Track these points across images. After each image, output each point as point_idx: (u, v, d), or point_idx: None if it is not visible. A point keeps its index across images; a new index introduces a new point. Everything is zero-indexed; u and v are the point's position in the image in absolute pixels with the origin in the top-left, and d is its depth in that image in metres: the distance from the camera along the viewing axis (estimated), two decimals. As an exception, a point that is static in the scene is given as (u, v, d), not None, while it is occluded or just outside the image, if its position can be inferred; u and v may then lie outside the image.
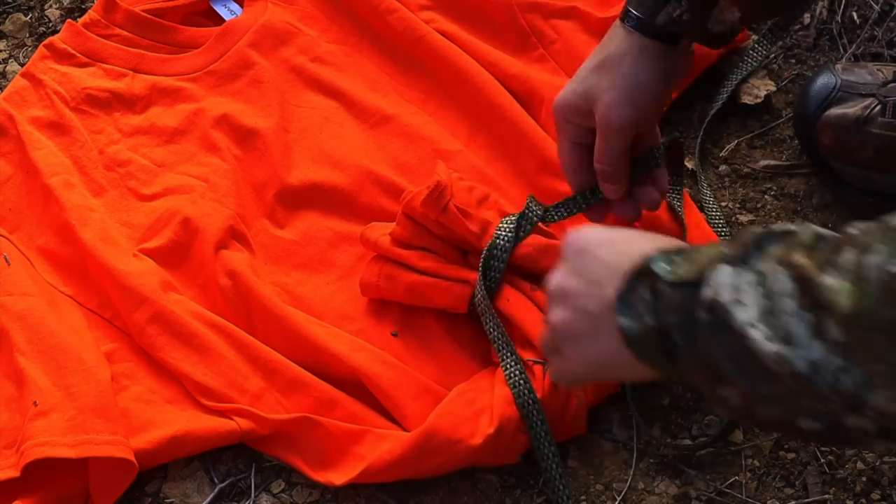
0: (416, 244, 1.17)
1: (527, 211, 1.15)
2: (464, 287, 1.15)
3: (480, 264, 1.14)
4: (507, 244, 1.14)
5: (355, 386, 1.15)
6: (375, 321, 1.21)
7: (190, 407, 1.16)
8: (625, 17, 1.12)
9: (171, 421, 1.14)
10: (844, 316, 0.69)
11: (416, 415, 1.12)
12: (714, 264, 0.77)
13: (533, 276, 1.15)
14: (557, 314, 0.89)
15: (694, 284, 0.77)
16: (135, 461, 1.10)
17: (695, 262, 0.79)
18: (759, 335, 0.73)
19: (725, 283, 0.75)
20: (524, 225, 1.15)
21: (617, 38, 1.12)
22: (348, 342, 1.17)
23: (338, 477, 1.10)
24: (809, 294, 0.71)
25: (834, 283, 0.70)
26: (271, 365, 1.17)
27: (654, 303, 0.79)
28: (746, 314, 0.73)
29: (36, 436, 1.09)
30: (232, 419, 1.13)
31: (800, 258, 0.73)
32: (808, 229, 0.75)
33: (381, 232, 1.19)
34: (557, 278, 0.89)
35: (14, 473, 1.08)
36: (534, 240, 1.16)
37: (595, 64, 1.13)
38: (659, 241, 0.85)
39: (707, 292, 0.76)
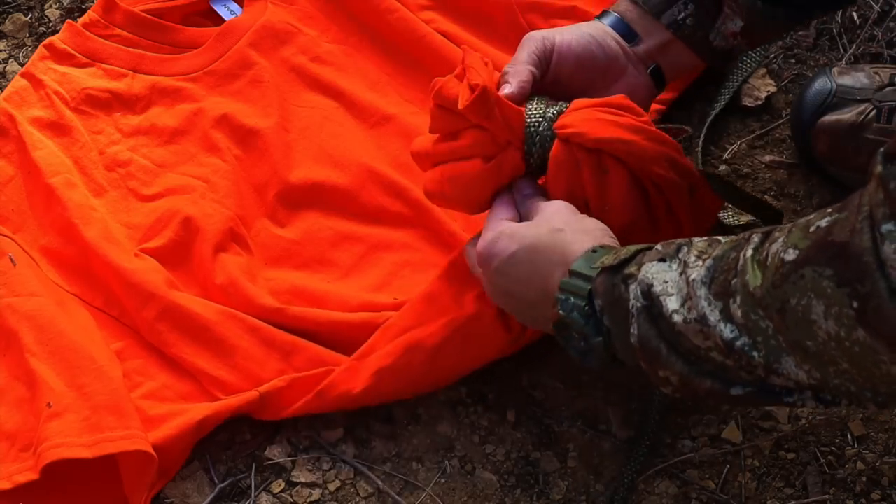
0: (461, 126, 1.10)
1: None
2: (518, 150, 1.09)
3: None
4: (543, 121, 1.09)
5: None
6: (378, 297, 1.22)
7: (206, 401, 1.16)
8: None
9: (191, 410, 1.14)
10: (750, 296, 0.80)
11: None
12: (646, 256, 0.89)
13: None
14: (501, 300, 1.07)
15: (614, 269, 0.90)
16: (152, 451, 1.09)
17: (615, 253, 0.92)
18: (680, 319, 0.84)
19: (658, 276, 0.86)
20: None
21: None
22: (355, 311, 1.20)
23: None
24: (721, 282, 0.82)
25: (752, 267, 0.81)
26: (288, 346, 1.17)
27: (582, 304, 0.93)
28: (673, 303, 0.85)
29: (51, 437, 1.09)
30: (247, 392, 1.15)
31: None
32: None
33: (426, 140, 1.14)
34: (490, 291, 1.06)
35: (33, 476, 1.08)
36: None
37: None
38: (564, 252, 0.97)
39: (644, 281, 0.87)
